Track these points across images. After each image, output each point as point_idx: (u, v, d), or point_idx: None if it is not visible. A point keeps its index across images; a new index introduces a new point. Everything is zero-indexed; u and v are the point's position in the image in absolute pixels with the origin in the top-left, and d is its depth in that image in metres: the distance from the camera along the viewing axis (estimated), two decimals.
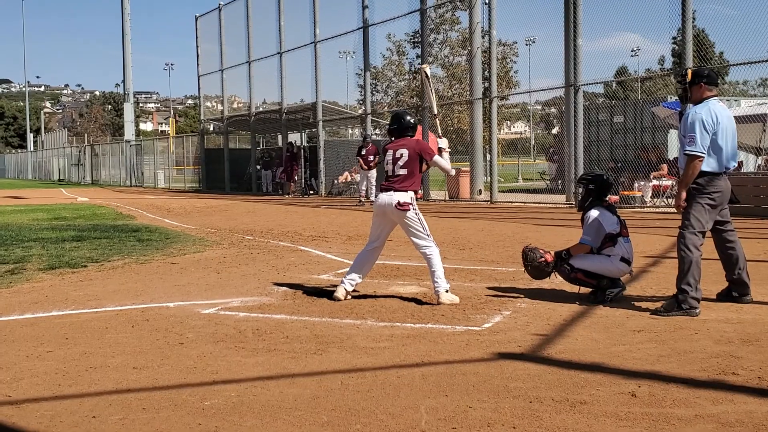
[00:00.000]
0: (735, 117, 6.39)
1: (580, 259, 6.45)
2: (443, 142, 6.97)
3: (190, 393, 4.15)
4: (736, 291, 6.25)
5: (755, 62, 14.66)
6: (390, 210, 6.52)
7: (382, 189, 6.67)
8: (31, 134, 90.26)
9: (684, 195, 5.91)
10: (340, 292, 6.67)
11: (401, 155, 6.57)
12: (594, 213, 6.48)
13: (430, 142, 7.38)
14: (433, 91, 7.79)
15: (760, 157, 17.96)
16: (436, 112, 7.70)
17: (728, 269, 6.25)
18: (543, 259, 6.59)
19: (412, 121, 6.82)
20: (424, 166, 6.73)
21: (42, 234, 12.80)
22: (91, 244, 11.32)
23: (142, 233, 12.93)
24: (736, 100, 23.84)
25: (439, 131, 7.42)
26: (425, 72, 7.93)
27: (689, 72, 6.18)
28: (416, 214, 6.52)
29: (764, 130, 16.77)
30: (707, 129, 5.86)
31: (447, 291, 6.43)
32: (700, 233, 5.91)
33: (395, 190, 6.51)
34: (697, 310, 5.75)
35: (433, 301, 6.44)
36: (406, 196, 6.50)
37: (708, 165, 5.90)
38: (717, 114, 5.93)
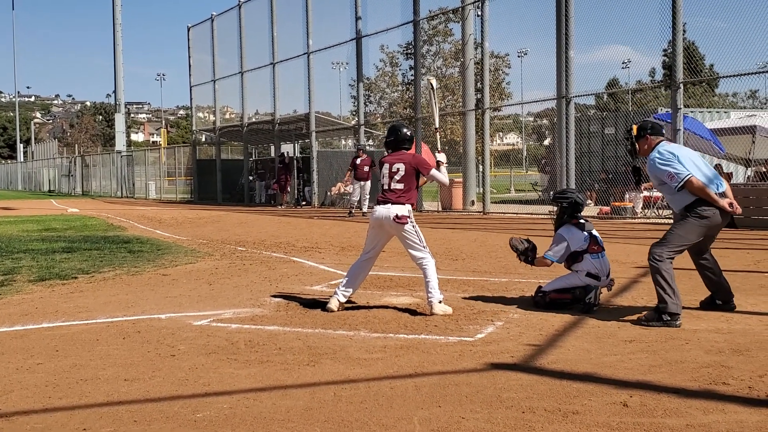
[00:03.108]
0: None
1: (550, 284, 6.75)
2: (442, 157, 6.99)
3: (182, 405, 4.13)
4: (719, 298, 6.32)
5: (744, 74, 14.80)
6: (388, 223, 6.54)
7: (378, 201, 6.69)
8: (21, 145, 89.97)
9: (721, 202, 5.90)
10: (333, 303, 6.67)
11: (398, 170, 6.60)
12: (562, 232, 6.76)
13: (423, 152, 7.39)
14: (437, 105, 7.79)
15: (749, 169, 18.08)
16: (438, 125, 7.73)
17: (706, 278, 6.35)
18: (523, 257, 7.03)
19: (408, 134, 6.86)
20: (422, 180, 6.77)
21: (32, 245, 12.75)
22: (82, 255, 11.28)
23: (133, 244, 12.89)
24: (725, 112, 24.04)
25: (439, 146, 7.44)
26: (432, 84, 7.96)
27: (634, 127, 6.37)
28: (413, 226, 6.55)
29: (753, 142, 16.90)
30: (670, 161, 5.98)
31: (440, 302, 6.44)
32: (674, 250, 5.97)
33: (393, 203, 6.54)
34: (678, 322, 5.76)
35: (427, 312, 6.45)
36: (404, 209, 6.53)
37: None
38: (668, 150, 6.10)
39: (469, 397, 4.15)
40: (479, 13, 20.27)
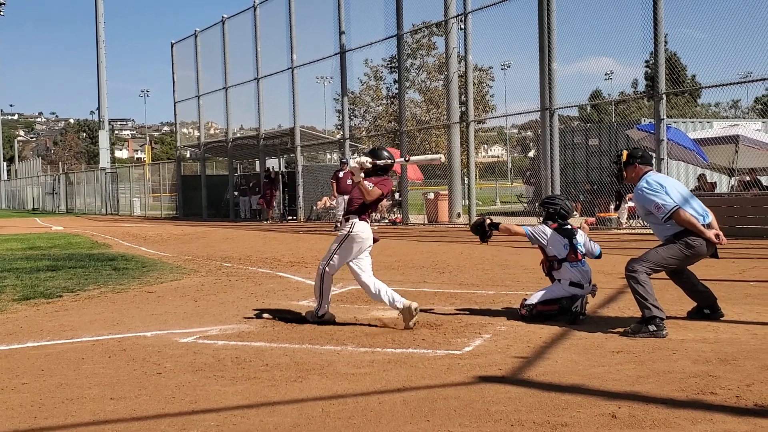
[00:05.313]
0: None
1: (534, 296, 6.73)
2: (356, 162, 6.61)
3: (168, 423, 4.09)
4: (705, 307, 6.37)
5: (726, 84, 14.96)
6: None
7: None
8: (5, 163, 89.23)
9: (708, 234, 5.98)
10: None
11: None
12: (546, 228, 6.83)
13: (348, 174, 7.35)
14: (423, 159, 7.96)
15: (733, 178, 18.24)
16: (407, 160, 7.81)
17: (686, 289, 6.41)
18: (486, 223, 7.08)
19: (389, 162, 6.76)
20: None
21: (16, 264, 12.62)
22: (67, 273, 11.18)
23: (118, 262, 12.80)
24: (708, 122, 24.25)
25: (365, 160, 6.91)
26: (441, 160, 8.14)
27: (624, 153, 6.45)
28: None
29: (736, 151, 17.05)
30: (658, 191, 6.07)
31: (402, 304, 6.37)
32: (652, 267, 6.03)
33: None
34: (664, 332, 5.78)
35: (401, 325, 6.41)
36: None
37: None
38: (656, 180, 6.19)
39: (458, 410, 4.14)
40: (462, 26, 20.39)
